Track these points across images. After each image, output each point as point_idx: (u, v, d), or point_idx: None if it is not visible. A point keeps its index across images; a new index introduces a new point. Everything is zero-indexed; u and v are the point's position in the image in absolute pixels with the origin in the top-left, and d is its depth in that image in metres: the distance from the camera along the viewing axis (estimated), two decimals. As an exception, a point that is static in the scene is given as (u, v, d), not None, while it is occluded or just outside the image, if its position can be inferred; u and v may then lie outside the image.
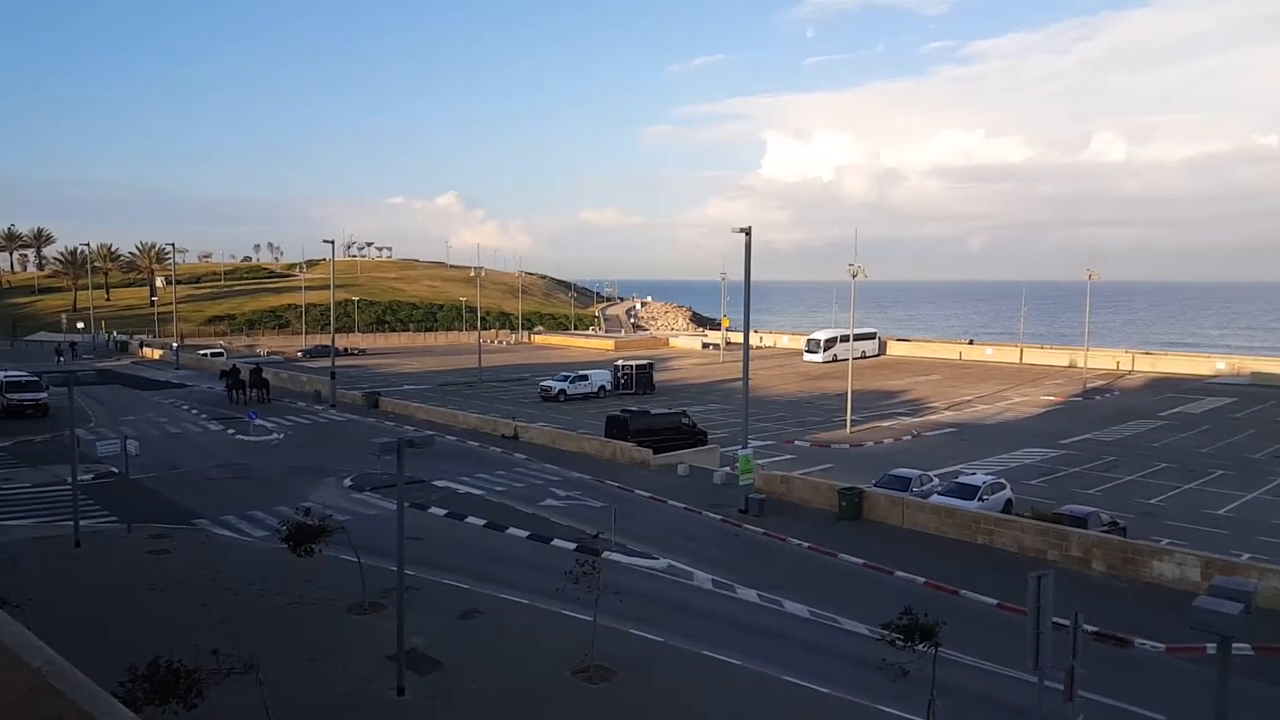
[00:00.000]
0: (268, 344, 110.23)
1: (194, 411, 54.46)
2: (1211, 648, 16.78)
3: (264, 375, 60.66)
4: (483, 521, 28.87)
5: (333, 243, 60.96)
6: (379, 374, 78.87)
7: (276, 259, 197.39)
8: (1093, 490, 36.29)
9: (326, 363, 73.12)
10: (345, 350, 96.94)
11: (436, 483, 34.05)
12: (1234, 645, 10.12)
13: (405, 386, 68.93)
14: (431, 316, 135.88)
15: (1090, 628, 18.18)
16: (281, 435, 46.18)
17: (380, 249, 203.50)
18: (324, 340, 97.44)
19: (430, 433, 41.07)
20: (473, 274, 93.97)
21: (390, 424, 49.64)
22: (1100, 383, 72.17)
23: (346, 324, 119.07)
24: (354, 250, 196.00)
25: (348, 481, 34.55)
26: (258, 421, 46.61)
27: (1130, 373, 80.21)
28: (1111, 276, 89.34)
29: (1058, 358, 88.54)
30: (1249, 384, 71.38)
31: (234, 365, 63.80)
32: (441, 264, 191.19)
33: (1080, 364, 76.65)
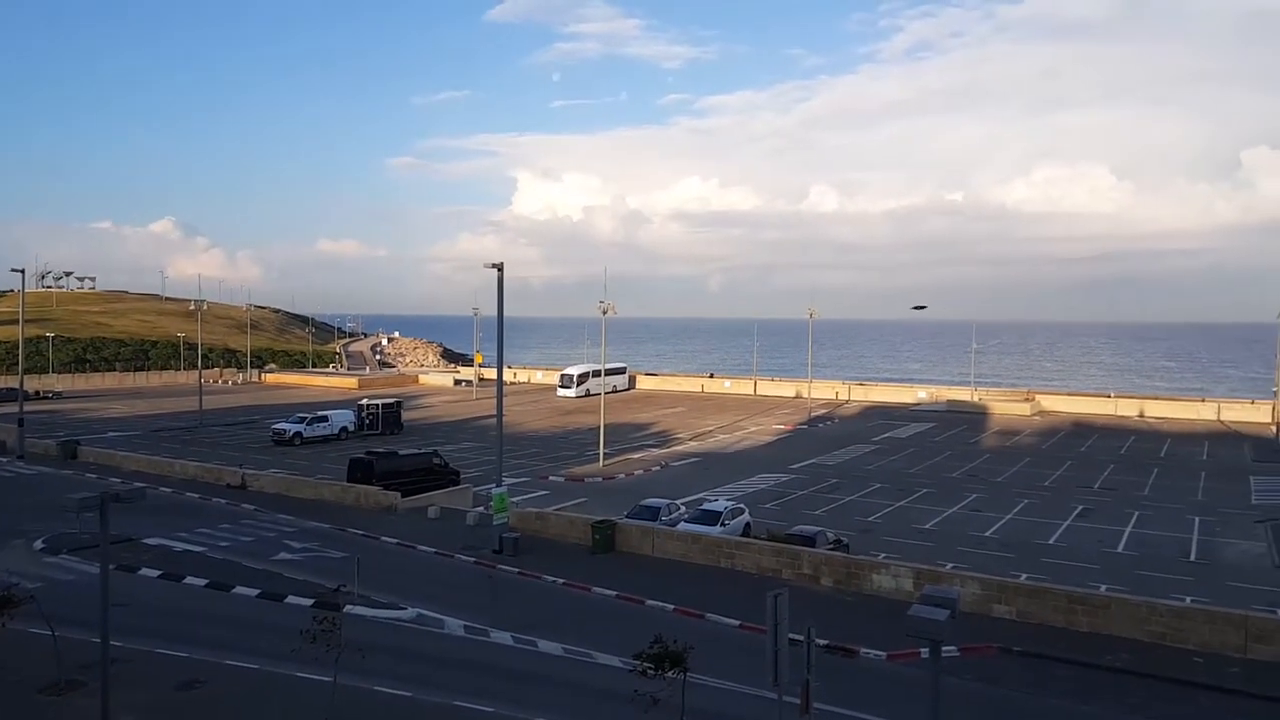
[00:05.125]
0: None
1: None
2: (925, 652, 18.50)
3: None
4: (204, 581, 26.14)
5: (23, 272, 53.68)
6: (78, 420, 70.00)
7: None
8: (819, 510, 39.30)
9: (13, 408, 63.52)
10: (37, 394, 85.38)
11: (148, 540, 30.51)
12: (943, 648, 11.11)
13: (111, 433, 61.68)
14: (143, 354, 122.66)
15: (821, 641, 19.43)
16: (-50, 494, 39.44)
17: (82, 279, 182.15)
18: (10, 382, 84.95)
19: (141, 485, 36.76)
20: (193, 307, 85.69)
21: (92, 476, 44.01)
22: (823, 411, 78.85)
23: (39, 363, 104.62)
24: (50, 280, 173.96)
25: (39, 543, 30.10)
26: (-82, 479, 39.53)
27: (847, 402, 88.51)
28: (829, 315, 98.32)
29: (786, 389, 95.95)
30: (946, 410, 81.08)
31: None
32: (156, 296, 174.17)
33: (805, 394, 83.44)
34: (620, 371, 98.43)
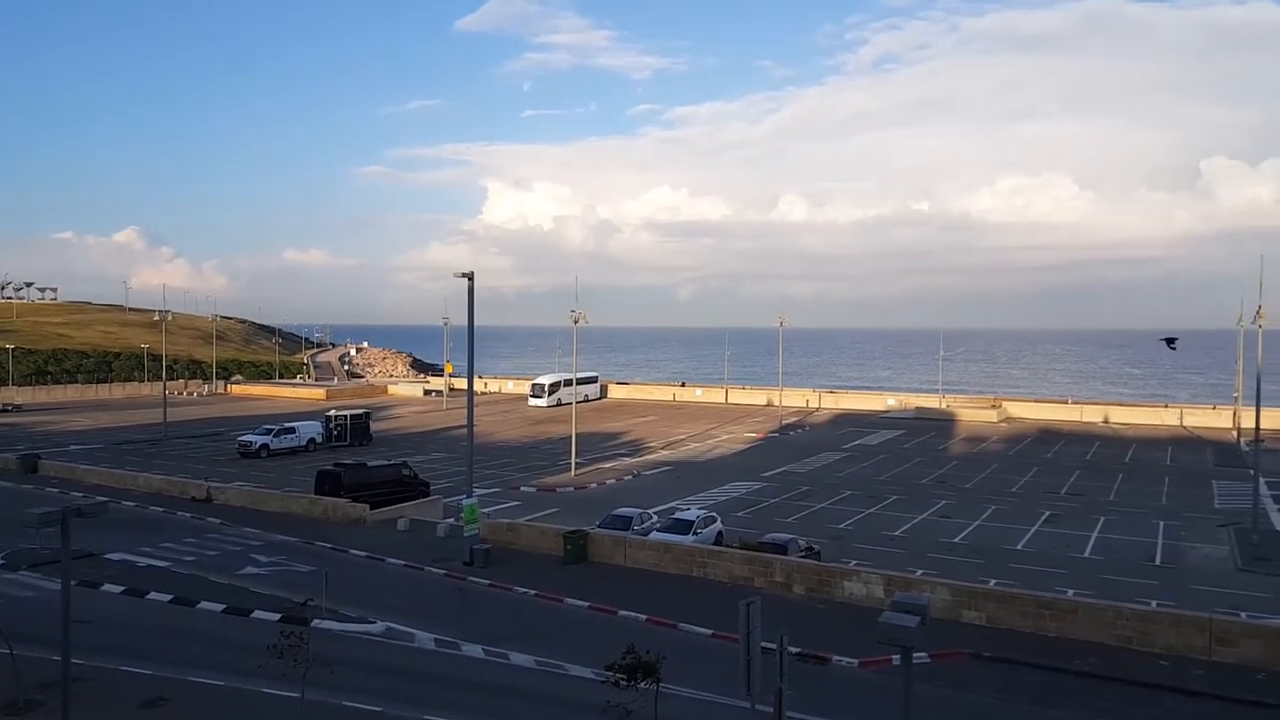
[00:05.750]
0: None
1: None
2: (896, 658, 18.60)
3: None
4: (168, 596, 25.69)
5: (-21, 281, 52.66)
6: (39, 433, 68.54)
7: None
8: (791, 518, 39.40)
9: (-30, 422, 62.32)
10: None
11: (111, 555, 29.99)
12: (914, 654, 11.17)
13: (72, 447, 60.45)
14: (106, 366, 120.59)
15: (794, 649, 19.47)
16: (-96, 510, 38.40)
17: (43, 290, 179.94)
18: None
19: (103, 499, 36.02)
20: (157, 318, 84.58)
21: (53, 490, 43.09)
22: (794, 419, 79.23)
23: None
24: (10, 291, 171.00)
25: (-4, 560, 29.41)
26: None
27: (818, 410, 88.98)
28: (799, 324, 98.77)
29: (757, 397, 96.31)
30: (914, 417, 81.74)
31: None
32: (119, 307, 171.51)
33: (776, 402, 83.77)
34: (592, 381, 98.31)
